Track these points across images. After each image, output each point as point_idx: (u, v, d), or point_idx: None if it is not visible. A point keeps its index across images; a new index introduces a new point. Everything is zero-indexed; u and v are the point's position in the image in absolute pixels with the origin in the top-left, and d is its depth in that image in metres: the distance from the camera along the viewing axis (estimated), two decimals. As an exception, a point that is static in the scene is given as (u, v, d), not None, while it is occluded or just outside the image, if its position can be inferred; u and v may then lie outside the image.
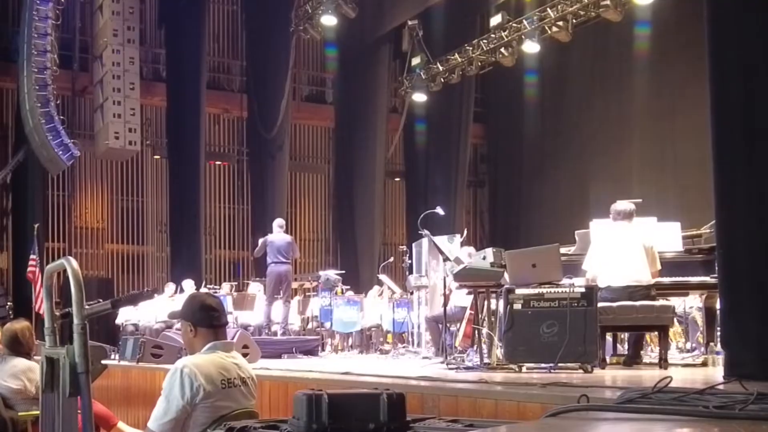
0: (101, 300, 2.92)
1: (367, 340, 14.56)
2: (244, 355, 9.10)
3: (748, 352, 4.67)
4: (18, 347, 5.98)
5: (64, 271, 2.84)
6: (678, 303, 10.07)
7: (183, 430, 3.73)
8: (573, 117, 19.10)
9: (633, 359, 7.66)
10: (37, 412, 5.39)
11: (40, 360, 2.98)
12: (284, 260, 12.88)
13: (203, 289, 14.96)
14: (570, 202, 17.96)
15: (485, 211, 23.87)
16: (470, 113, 20.95)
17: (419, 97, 19.72)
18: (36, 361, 5.96)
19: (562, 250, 7.63)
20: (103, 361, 3.18)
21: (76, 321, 2.65)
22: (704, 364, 7.54)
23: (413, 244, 12.76)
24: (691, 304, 10.58)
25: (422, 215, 8.91)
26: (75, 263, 2.71)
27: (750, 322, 4.68)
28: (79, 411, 2.82)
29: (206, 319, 3.91)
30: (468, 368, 7.07)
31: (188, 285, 14.92)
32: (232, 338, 9.14)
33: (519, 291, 6.55)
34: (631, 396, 3.12)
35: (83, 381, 2.64)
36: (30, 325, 6.22)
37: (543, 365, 6.48)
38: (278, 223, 13.31)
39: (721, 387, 3.47)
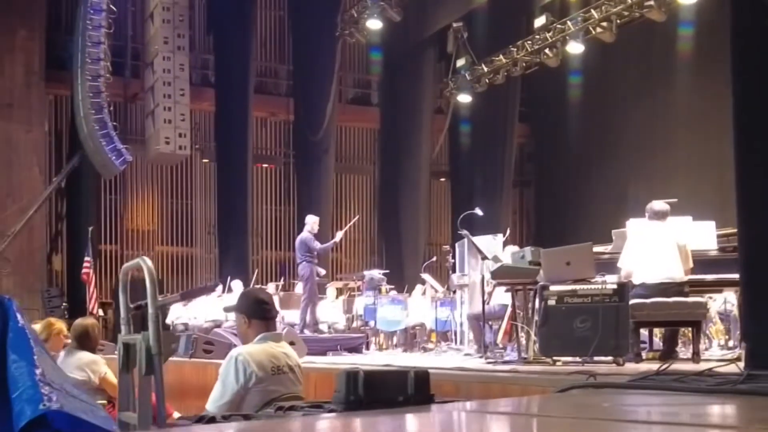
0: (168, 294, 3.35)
1: (411, 339, 14.81)
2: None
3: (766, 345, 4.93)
4: (86, 341, 6.49)
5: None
6: (720, 301, 10.30)
7: (238, 410, 4.13)
8: (617, 117, 19.21)
9: (668, 354, 7.87)
10: (102, 401, 5.90)
11: (105, 353, 3.41)
12: (299, 260, 12.85)
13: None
14: (614, 200, 18.06)
15: (531, 211, 24.02)
16: (515, 113, 21.16)
17: (464, 98, 19.91)
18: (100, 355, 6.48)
19: (600, 248, 7.90)
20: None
21: (150, 310, 3.07)
22: (738, 359, 7.73)
23: (456, 244, 12.86)
24: (732, 301, 10.75)
25: (462, 216, 9.21)
26: (149, 262, 3.15)
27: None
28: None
29: (259, 312, 4.34)
30: (505, 362, 7.39)
31: (236, 285, 15.21)
32: (280, 333, 9.56)
33: (553, 288, 6.86)
34: (636, 378, 3.49)
35: (157, 362, 3.06)
36: (97, 323, 6.76)
37: (577, 358, 6.78)
38: (306, 221, 13.11)
39: (721, 371, 3.81)
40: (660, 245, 7.60)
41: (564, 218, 20.78)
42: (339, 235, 13.70)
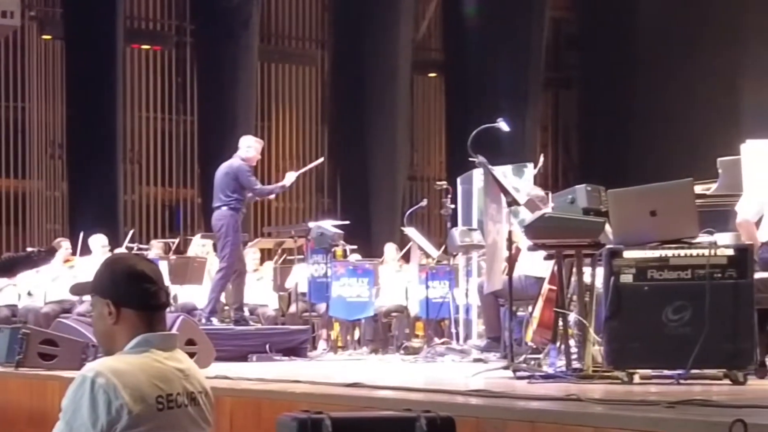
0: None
1: (383, 332, 14.90)
2: (190, 356, 9.27)
3: None
4: None
5: None
6: None
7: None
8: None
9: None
10: None
11: None
12: (218, 204, 12.75)
13: (121, 250, 15.11)
14: (712, 113, 18.03)
15: (572, 127, 24.20)
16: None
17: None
18: None
19: (700, 188, 7.86)
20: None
21: None
22: None
23: (458, 179, 13.27)
24: None
25: (474, 133, 8.97)
26: None
27: None
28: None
29: (138, 295, 3.99)
30: (547, 377, 7.26)
31: (97, 243, 15.13)
32: (170, 327, 9.37)
33: (629, 254, 6.71)
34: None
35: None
36: None
37: (667, 372, 6.68)
38: (241, 143, 13.18)
39: None
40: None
41: (627, 139, 20.73)
42: (291, 177, 13.62)
